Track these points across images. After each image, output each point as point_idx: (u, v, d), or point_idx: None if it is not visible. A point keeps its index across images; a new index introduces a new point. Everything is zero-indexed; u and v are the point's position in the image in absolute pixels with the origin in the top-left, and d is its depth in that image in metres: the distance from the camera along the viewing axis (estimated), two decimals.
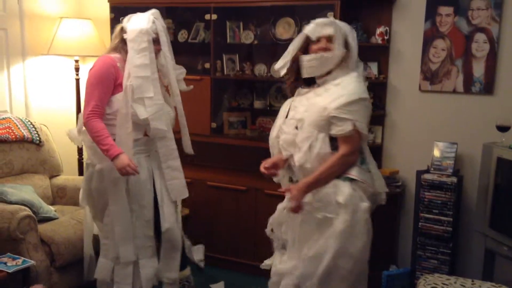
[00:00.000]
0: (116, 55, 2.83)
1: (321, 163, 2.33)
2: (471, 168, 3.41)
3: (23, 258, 2.91)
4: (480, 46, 3.35)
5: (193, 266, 3.40)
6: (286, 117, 2.55)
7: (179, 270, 2.98)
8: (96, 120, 2.69)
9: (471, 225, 3.39)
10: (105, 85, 2.73)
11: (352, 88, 2.33)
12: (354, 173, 2.36)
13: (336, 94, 2.33)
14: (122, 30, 2.84)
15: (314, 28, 2.46)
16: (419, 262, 3.39)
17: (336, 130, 2.32)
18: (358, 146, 2.39)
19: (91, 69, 2.81)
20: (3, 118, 3.63)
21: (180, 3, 4.01)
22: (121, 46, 2.83)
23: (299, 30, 3.49)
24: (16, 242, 2.96)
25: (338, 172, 2.35)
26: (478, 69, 3.37)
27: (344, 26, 2.46)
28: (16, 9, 3.96)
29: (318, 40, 2.43)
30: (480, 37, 3.35)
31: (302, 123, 2.40)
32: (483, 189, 3.09)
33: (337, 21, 2.49)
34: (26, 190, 3.38)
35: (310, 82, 2.51)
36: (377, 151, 3.73)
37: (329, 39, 2.42)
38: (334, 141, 2.37)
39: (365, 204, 2.34)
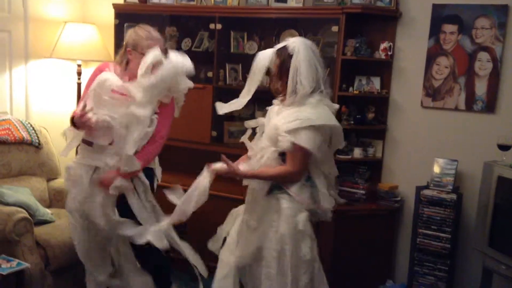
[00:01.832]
0: (110, 63, 2.86)
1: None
2: (471, 185, 3.40)
3: (17, 260, 2.87)
4: (483, 64, 3.37)
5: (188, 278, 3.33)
6: None
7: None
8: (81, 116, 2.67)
9: (469, 243, 3.37)
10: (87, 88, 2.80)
11: (306, 115, 2.38)
12: (293, 190, 2.45)
13: (290, 117, 2.41)
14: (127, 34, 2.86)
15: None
16: (416, 278, 3.37)
17: (278, 145, 2.43)
18: (303, 166, 2.44)
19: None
20: (3, 120, 3.62)
21: (185, 12, 4.03)
22: (123, 54, 2.82)
23: None
24: (11, 244, 2.94)
25: (276, 181, 2.47)
26: (481, 88, 3.39)
27: (299, 44, 2.45)
28: (20, 11, 3.96)
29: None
30: (483, 56, 3.36)
31: (263, 133, 2.58)
32: (482, 207, 3.09)
33: (296, 40, 2.49)
34: (23, 192, 3.36)
35: None
36: (377, 166, 3.73)
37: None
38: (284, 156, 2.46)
39: (303, 214, 2.43)
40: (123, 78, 2.76)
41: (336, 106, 2.56)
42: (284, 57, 2.46)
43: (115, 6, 4.10)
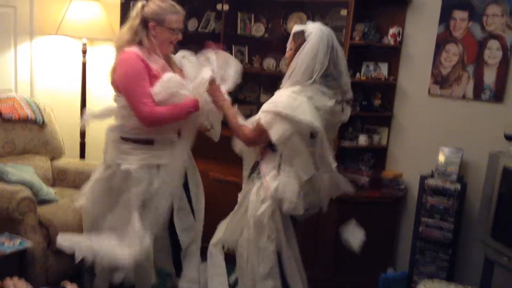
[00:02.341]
0: (134, 49, 2.57)
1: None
2: (476, 176, 3.37)
3: (20, 239, 2.89)
4: (492, 53, 3.31)
5: None
6: None
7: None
8: (156, 107, 2.54)
9: (472, 233, 3.36)
10: (143, 80, 2.53)
11: (280, 101, 2.39)
12: (268, 177, 2.47)
13: (271, 99, 2.46)
14: (143, 10, 2.59)
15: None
16: (417, 267, 3.37)
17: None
18: (257, 139, 2.50)
19: (119, 71, 2.58)
20: (8, 97, 3.60)
21: None
22: (141, 29, 2.58)
23: None
24: (14, 222, 2.95)
25: (232, 129, 2.57)
26: (489, 76, 3.33)
27: (316, 31, 2.41)
28: None
29: None
30: (493, 44, 3.30)
31: None
32: (486, 198, 3.06)
33: (315, 26, 2.46)
34: (27, 171, 3.36)
35: None
36: (382, 153, 3.71)
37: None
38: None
39: (266, 204, 2.44)
40: (155, 61, 2.59)
41: (329, 103, 2.42)
42: (300, 42, 2.43)
43: None
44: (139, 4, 2.63)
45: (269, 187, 2.43)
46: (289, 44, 2.52)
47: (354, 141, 3.59)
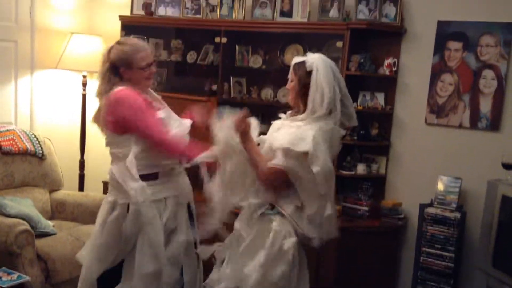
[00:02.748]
0: (122, 87, 2.51)
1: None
2: (475, 204, 3.37)
3: (18, 273, 2.87)
4: (488, 82, 3.36)
5: None
6: None
7: None
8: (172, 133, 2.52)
9: (473, 262, 3.34)
10: (149, 109, 2.51)
11: (308, 136, 2.26)
12: (287, 210, 2.34)
13: (295, 133, 2.30)
14: (109, 56, 2.54)
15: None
16: None
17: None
18: (276, 181, 2.32)
19: (120, 109, 2.47)
20: (7, 130, 3.63)
21: (191, 25, 4.05)
22: (113, 76, 2.52)
23: None
24: (12, 256, 2.93)
25: (251, 165, 2.36)
26: (485, 105, 3.37)
27: (318, 62, 2.36)
28: (27, 22, 3.99)
29: None
30: (488, 73, 3.35)
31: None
32: (486, 226, 3.06)
33: (316, 57, 2.41)
34: (26, 204, 3.36)
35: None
36: (381, 182, 3.71)
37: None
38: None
39: (291, 240, 2.31)
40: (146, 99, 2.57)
41: (343, 132, 2.42)
42: (302, 73, 2.40)
43: (122, 18, 4.13)
44: (105, 50, 2.59)
45: (298, 224, 2.34)
46: (290, 76, 2.51)
47: (352, 170, 3.60)
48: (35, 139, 3.73)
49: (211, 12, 4.01)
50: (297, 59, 2.48)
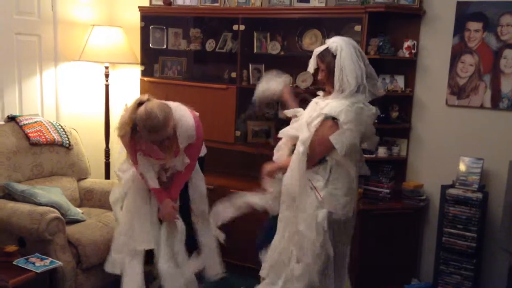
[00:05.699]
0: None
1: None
2: (497, 184, 3.37)
3: (50, 258, 2.98)
4: (508, 62, 3.33)
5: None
6: None
7: None
8: None
9: (495, 242, 3.35)
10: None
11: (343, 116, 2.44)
12: (321, 192, 2.51)
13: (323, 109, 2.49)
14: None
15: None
16: (442, 277, 3.36)
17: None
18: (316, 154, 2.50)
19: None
20: (35, 122, 3.73)
21: (209, 14, 4.08)
22: (135, 130, 2.85)
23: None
24: (44, 243, 3.04)
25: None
26: (507, 85, 3.35)
27: (340, 43, 2.48)
28: (50, 15, 4.07)
29: None
30: (509, 53, 3.33)
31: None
32: (509, 206, 3.06)
33: (336, 40, 2.53)
34: (55, 192, 3.47)
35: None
36: (402, 164, 3.73)
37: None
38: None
39: (323, 211, 2.50)
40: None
41: (374, 110, 2.54)
42: (329, 59, 2.48)
43: (141, 9, 4.19)
44: (135, 102, 2.83)
45: (330, 203, 2.51)
46: (319, 65, 2.55)
47: (373, 153, 3.62)
48: (61, 129, 3.84)
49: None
50: (318, 49, 2.53)
